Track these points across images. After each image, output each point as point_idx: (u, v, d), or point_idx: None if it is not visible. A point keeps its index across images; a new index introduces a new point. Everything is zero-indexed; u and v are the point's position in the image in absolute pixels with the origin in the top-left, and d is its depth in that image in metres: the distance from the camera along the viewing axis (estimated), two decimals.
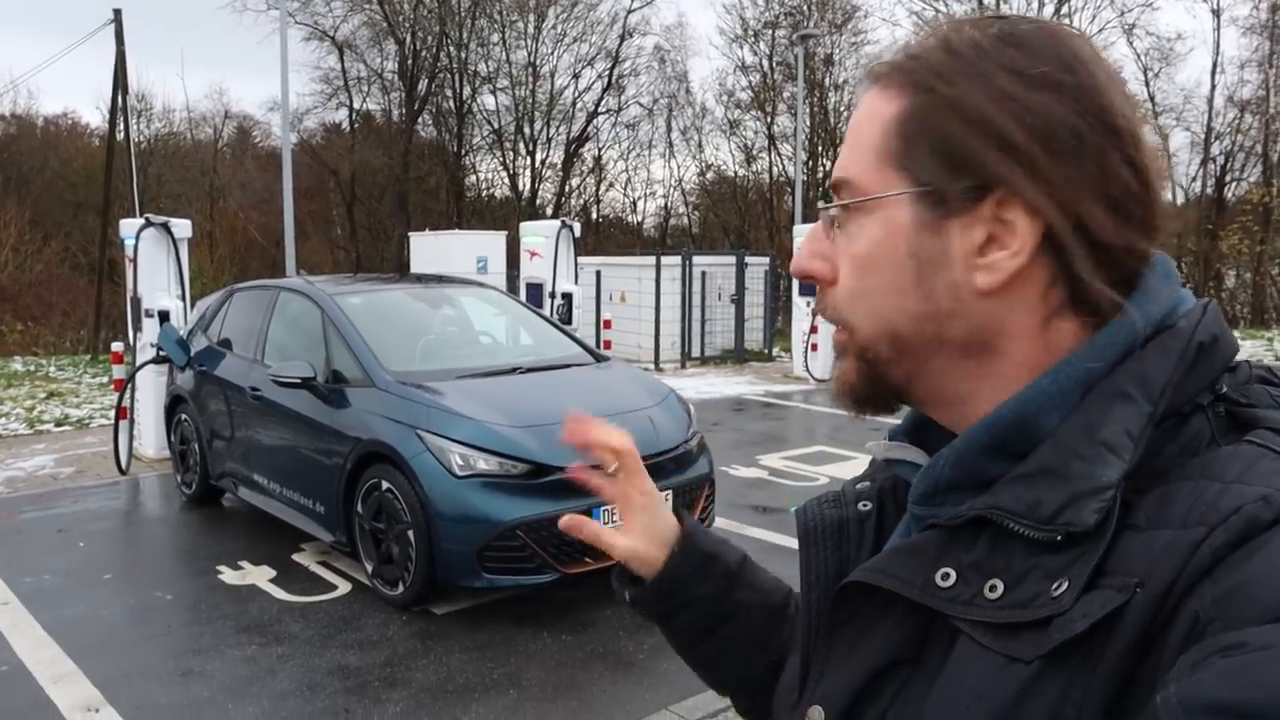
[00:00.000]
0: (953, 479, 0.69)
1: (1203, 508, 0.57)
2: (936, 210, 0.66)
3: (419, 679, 4.24)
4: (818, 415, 11.12)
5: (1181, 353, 0.64)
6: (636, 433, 4.71)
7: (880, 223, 0.69)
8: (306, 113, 33.31)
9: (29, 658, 4.44)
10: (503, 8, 32.59)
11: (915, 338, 0.69)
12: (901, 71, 0.69)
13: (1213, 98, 27.20)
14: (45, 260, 28.93)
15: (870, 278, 0.70)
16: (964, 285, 0.66)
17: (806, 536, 0.81)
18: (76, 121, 37.14)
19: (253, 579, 5.47)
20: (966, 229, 0.66)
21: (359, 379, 5.47)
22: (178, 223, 8.74)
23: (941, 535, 0.68)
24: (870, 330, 0.71)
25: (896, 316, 0.69)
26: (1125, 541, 0.59)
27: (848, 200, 0.70)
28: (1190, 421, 0.64)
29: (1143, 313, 0.65)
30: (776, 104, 32.39)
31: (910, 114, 0.67)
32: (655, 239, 35.13)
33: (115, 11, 19.08)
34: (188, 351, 7.12)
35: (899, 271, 0.68)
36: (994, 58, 0.65)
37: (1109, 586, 0.58)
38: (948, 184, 0.66)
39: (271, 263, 28.33)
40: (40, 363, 17.68)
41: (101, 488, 7.70)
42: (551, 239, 11.32)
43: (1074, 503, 0.61)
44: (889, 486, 0.82)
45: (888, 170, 0.68)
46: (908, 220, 0.68)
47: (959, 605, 0.64)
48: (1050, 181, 0.63)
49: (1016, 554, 0.63)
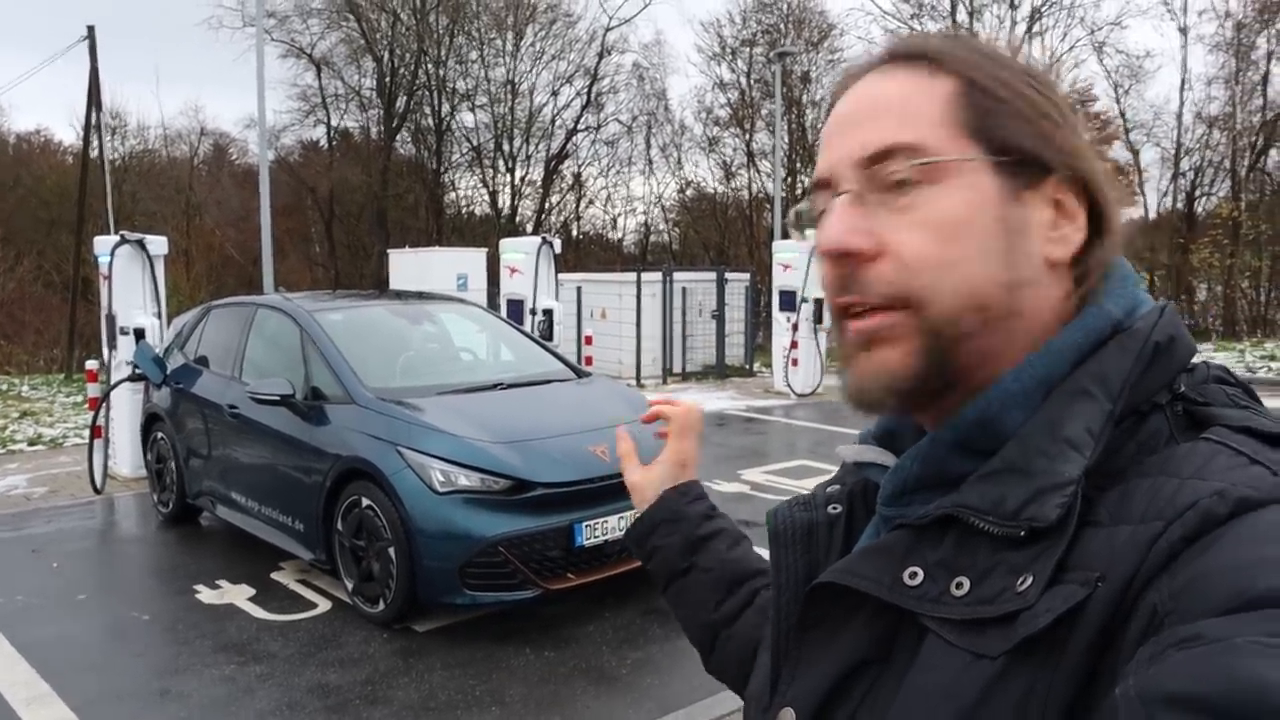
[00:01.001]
0: (920, 477, 0.70)
1: (1160, 503, 0.58)
2: (1017, 180, 0.68)
3: (400, 697, 4.20)
4: (799, 429, 11.15)
5: (1139, 352, 0.65)
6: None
7: (964, 189, 0.67)
8: (284, 130, 33.20)
9: (1, 679, 4.36)
10: (481, 25, 32.67)
11: (1001, 308, 0.67)
12: (937, 55, 0.71)
13: (1181, 114, 27.63)
14: (18, 278, 28.60)
15: (959, 244, 0.67)
16: (1039, 255, 0.68)
17: (776, 539, 0.82)
18: (50, 138, 36.91)
19: (231, 598, 5.41)
20: (1038, 204, 0.69)
21: (338, 396, 5.43)
22: (153, 239, 8.67)
23: (909, 535, 0.68)
24: (954, 302, 0.67)
25: (987, 285, 0.67)
26: (1087, 537, 0.60)
27: (925, 159, 0.67)
28: (1149, 420, 0.65)
29: (1100, 313, 0.68)
30: (755, 121, 32.62)
31: (975, 89, 0.69)
32: (636, 255, 35.17)
33: (89, 28, 19.02)
34: (164, 369, 7.06)
35: (989, 238, 0.67)
36: (1015, 65, 0.71)
37: (1072, 581, 0.58)
38: (1026, 156, 0.68)
39: (248, 280, 28.13)
40: (13, 382, 17.46)
41: (76, 508, 7.60)
42: (532, 255, 11.33)
43: (1037, 498, 0.62)
44: (859, 490, 0.83)
45: (962, 139, 0.68)
46: (994, 187, 0.68)
47: (926, 603, 0.64)
48: (1094, 166, 0.69)
49: (982, 551, 0.63)
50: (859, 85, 0.73)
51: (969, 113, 0.68)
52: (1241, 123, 26.79)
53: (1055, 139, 0.68)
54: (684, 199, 36.14)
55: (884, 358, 0.69)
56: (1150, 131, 28.29)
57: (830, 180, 0.72)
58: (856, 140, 0.70)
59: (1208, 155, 28.16)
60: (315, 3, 30.82)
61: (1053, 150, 0.68)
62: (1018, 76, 0.69)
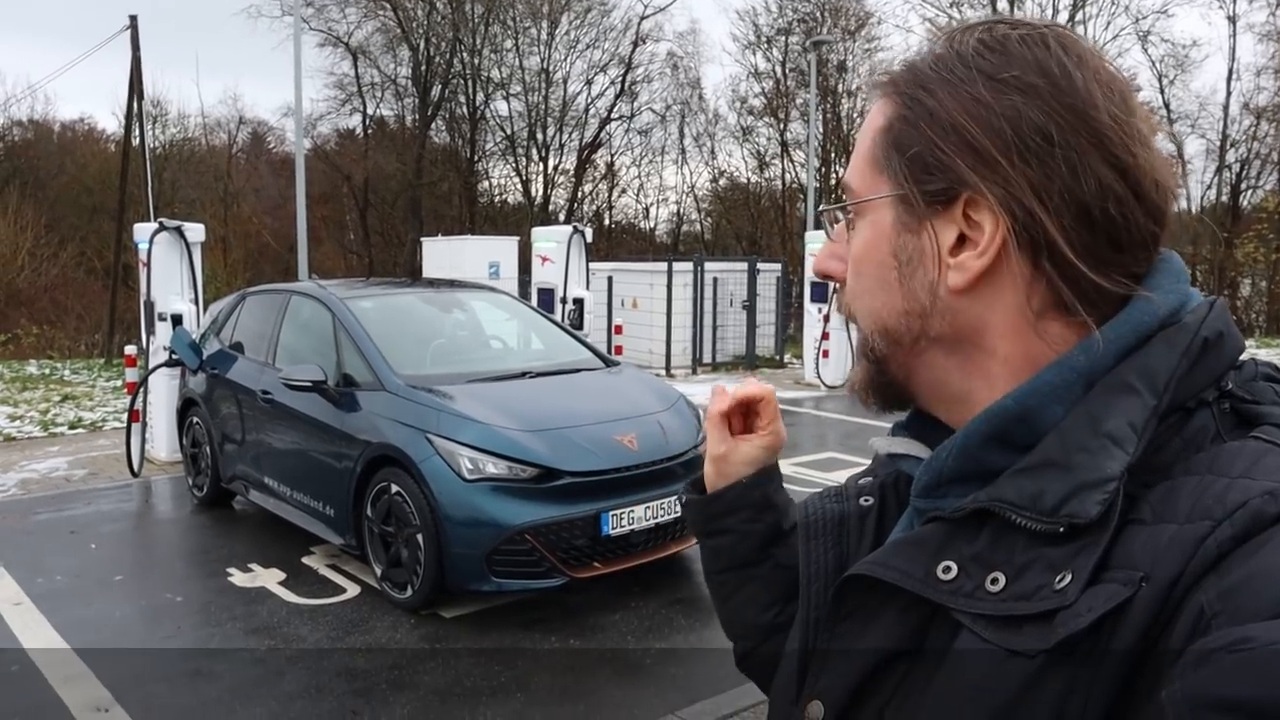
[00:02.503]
0: (955, 471, 0.69)
1: (1208, 502, 0.57)
2: (913, 212, 0.69)
3: (426, 682, 4.24)
4: (829, 421, 11.09)
5: (1186, 347, 0.64)
6: (646, 437, 4.73)
7: (870, 225, 0.73)
8: (320, 118, 33.51)
9: (40, 658, 4.46)
10: (516, 14, 32.70)
11: (904, 334, 0.72)
12: (893, 83, 0.72)
13: (1228, 105, 27.12)
14: (61, 264, 29.18)
15: (863, 276, 0.74)
16: (940, 284, 0.69)
17: (807, 530, 0.82)
18: (93, 127, 37.52)
19: (263, 581, 5.49)
20: (941, 230, 0.68)
21: (369, 382, 5.48)
22: (191, 227, 8.79)
23: (944, 528, 0.68)
24: (867, 326, 0.74)
25: (885, 313, 0.72)
26: (1130, 535, 0.59)
27: (841, 204, 0.76)
28: (1195, 417, 0.64)
29: (1148, 308, 0.65)
30: (789, 110, 32.42)
31: (892, 122, 0.71)
32: (668, 245, 35.14)
33: (131, 18, 19.24)
34: (200, 355, 7.16)
35: (884, 270, 0.72)
36: (973, 64, 0.67)
37: (1114, 580, 0.57)
38: (921, 186, 0.68)
39: (285, 267, 28.46)
40: (55, 366, 17.80)
41: (114, 490, 7.74)
42: (563, 244, 11.34)
43: (1077, 494, 0.60)
44: (891, 482, 0.82)
45: (878, 176, 0.72)
46: (890, 221, 0.71)
47: (960, 598, 0.64)
48: (1012, 182, 0.65)
49: (1019, 547, 0.63)
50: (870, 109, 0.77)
51: (883, 150, 0.71)
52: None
53: (961, 164, 0.66)
54: (717, 189, 36.04)
55: (857, 365, 0.78)
56: (1195, 123, 27.82)
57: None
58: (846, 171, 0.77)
59: (1255, 147, 27.63)
60: None
61: (954, 176, 0.66)
62: (960, 101, 0.66)
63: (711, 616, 4.81)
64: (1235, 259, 25.59)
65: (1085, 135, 0.64)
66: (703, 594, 5.07)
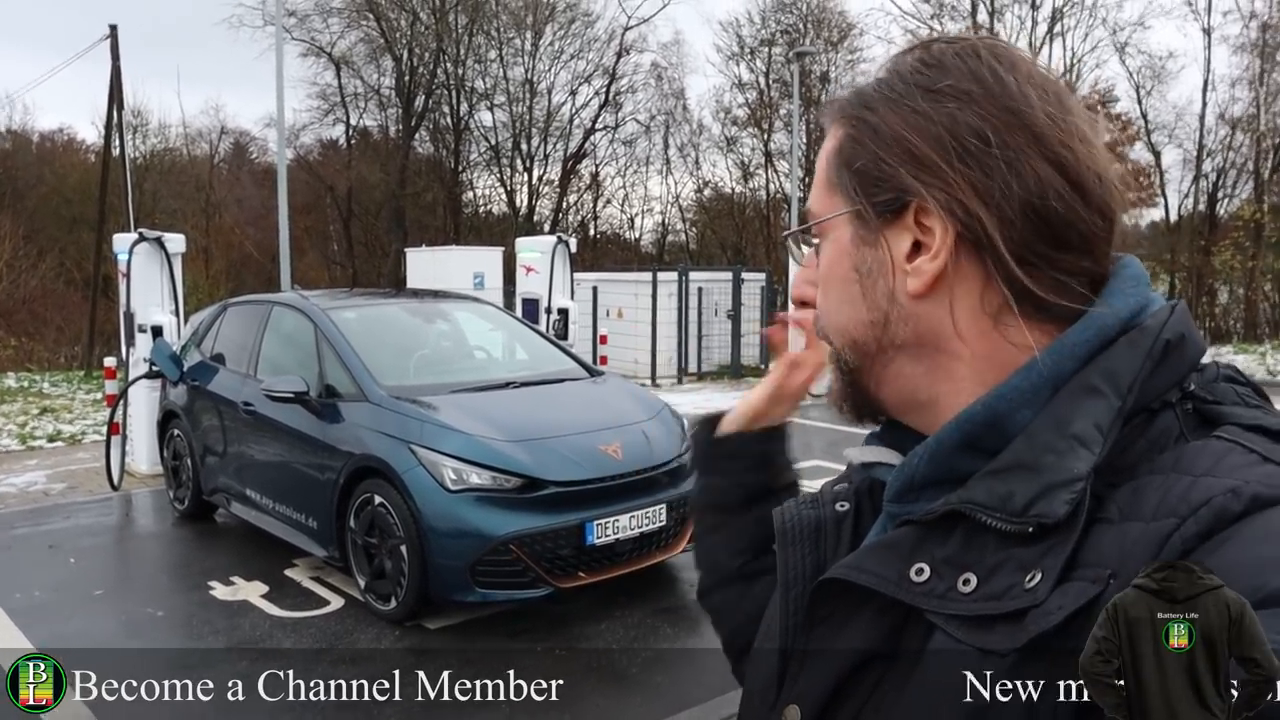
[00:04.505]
0: (927, 475, 0.70)
1: (1173, 500, 0.58)
2: (868, 225, 0.71)
3: (411, 694, 4.21)
4: (814, 430, 11.10)
5: (1149, 350, 0.65)
6: (630, 446, 4.71)
7: (832, 244, 0.75)
8: (303, 128, 33.36)
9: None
10: (500, 25, 32.75)
11: (871, 344, 0.73)
12: (841, 108, 0.75)
13: (1204, 115, 27.35)
14: (40, 276, 28.93)
15: (830, 294, 0.76)
16: (899, 291, 0.70)
17: (784, 536, 0.82)
18: (72, 137, 37.21)
19: (245, 594, 5.44)
20: (896, 239, 0.70)
21: (352, 393, 5.46)
22: (171, 238, 8.73)
23: (916, 531, 0.68)
24: (838, 342, 0.76)
25: (852, 326, 0.74)
26: (1098, 534, 0.60)
27: (804, 227, 0.79)
28: (1159, 418, 0.65)
29: (1110, 311, 0.67)
30: (773, 121, 32.59)
31: (841, 144, 0.74)
32: (653, 255, 35.18)
33: (111, 27, 19.25)
34: (181, 366, 7.11)
35: (848, 285, 0.74)
36: (911, 80, 0.70)
37: (1083, 579, 0.58)
38: (871, 199, 0.70)
39: (268, 278, 28.30)
40: (34, 378, 17.64)
41: (93, 503, 7.66)
42: (547, 255, 11.33)
43: (1045, 494, 0.62)
44: (865, 488, 0.83)
45: (833, 197, 0.74)
46: (848, 238, 0.73)
47: (933, 600, 0.64)
48: (953, 185, 0.66)
49: (989, 547, 0.63)
50: None
51: (835, 171, 0.74)
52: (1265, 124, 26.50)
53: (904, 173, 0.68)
54: (701, 199, 36.12)
55: (833, 380, 0.79)
56: (1172, 133, 28.05)
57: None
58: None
59: (1230, 157, 27.87)
60: (335, 2, 31.00)
61: (899, 185, 0.69)
62: (900, 115, 0.69)
63: (697, 625, 4.81)
64: (1213, 266, 25.80)
65: (1021, 134, 0.66)
66: (689, 602, 5.07)
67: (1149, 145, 27.86)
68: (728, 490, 1.04)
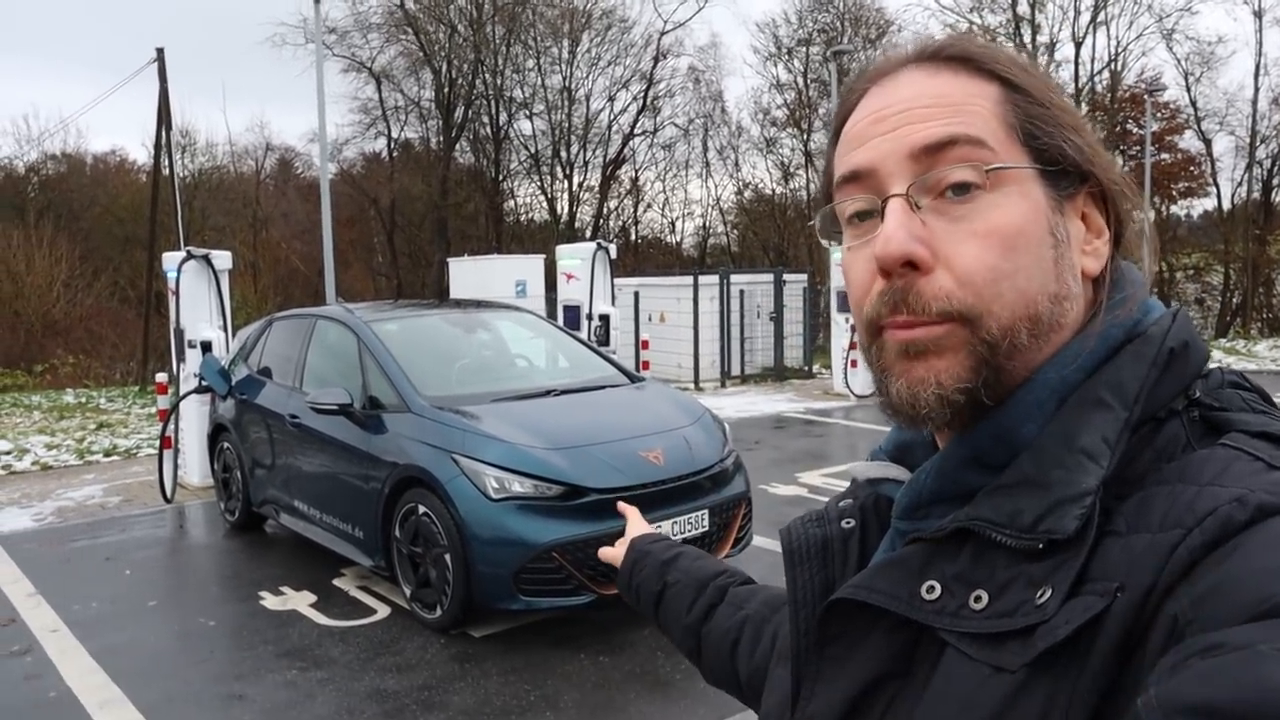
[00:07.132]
0: (935, 491, 0.69)
1: (1179, 510, 0.57)
2: (1061, 191, 0.68)
3: (456, 702, 4.24)
4: (858, 431, 11.02)
5: (1154, 359, 0.65)
6: (672, 452, 4.72)
7: (1021, 197, 0.66)
8: (346, 143, 33.89)
9: (76, 684, 4.51)
10: (537, 34, 32.95)
11: (1050, 321, 0.66)
12: (979, 58, 0.69)
13: (1256, 100, 26.70)
14: (95, 294, 29.71)
15: (1019, 255, 0.65)
16: (1077, 268, 0.68)
17: (791, 556, 0.81)
18: (124, 158, 38.26)
19: (294, 604, 5.52)
20: (1075, 215, 0.69)
21: (395, 404, 5.51)
22: (218, 254, 8.90)
23: (925, 549, 0.68)
24: (1010, 315, 0.64)
25: (1040, 298, 0.65)
26: (1106, 547, 0.59)
27: (993, 165, 0.65)
28: (1165, 427, 0.64)
29: (1114, 320, 0.67)
30: (812, 120, 32.37)
31: (1020, 98, 0.68)
32: (694, 258, 35.15)
33: (158, 51, 19.60)
34: (229, 381, 7.24)
35: (1043, 249, 0.66)
36: (1026, 64, 0.70)
37: (1091, 592, 0.58)
38: (1068, 166, 0.68)
39: (314, 291, 28.76)
40: (91, 394, 18.09)
41: (147, 516, 7.83)
42: (587, 261, 11.36)
43: (1054, 510, 0.61)
44: (871, 504, 0.82)
45: (1015, 145, 0.67)
46: (1043, 197, 0.67)
47: (945, 617, 0.64)
48: (1104, 170, 0.68)
49: (1000, 564, 0.63)
50: (899, 80, 0.70)
51: (1019, 119, 0.67)
52: None
53: (1086, 150, 0.67)
54: (742, 201, 36.04)
55: (934, 368, 0.66)
56: (1224, 120, 27.42)
57: (875, 174, 0.68)
58: (911, 131, 0.67)
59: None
60: (374, 17, 31.41)
61: (1086, 161, 0.67)
62: (1050, 85, 0.69)
63: None
64: (1269, 255, 25.15)
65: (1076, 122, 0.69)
66: None
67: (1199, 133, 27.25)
68: (647, 587, 1.25)
